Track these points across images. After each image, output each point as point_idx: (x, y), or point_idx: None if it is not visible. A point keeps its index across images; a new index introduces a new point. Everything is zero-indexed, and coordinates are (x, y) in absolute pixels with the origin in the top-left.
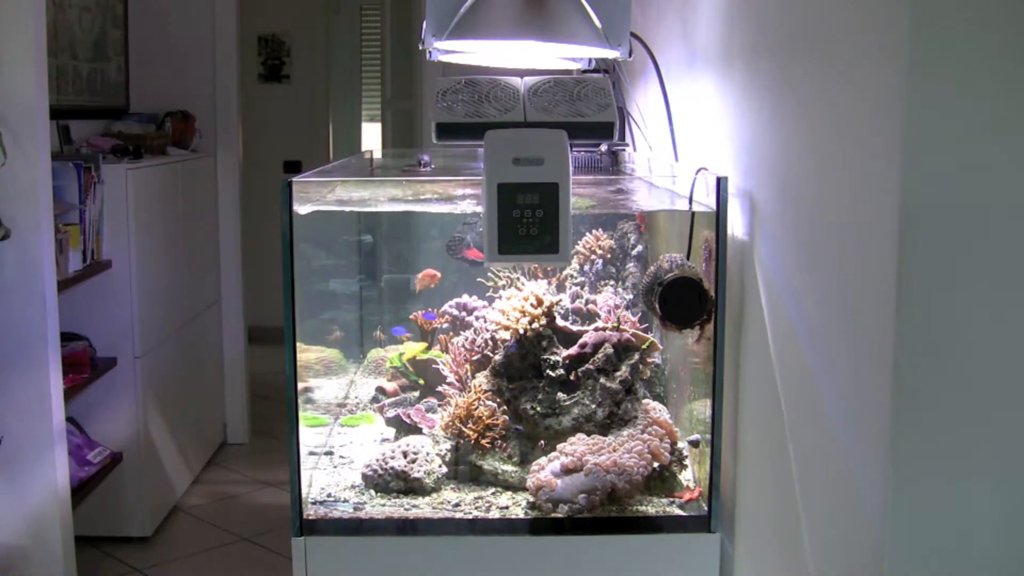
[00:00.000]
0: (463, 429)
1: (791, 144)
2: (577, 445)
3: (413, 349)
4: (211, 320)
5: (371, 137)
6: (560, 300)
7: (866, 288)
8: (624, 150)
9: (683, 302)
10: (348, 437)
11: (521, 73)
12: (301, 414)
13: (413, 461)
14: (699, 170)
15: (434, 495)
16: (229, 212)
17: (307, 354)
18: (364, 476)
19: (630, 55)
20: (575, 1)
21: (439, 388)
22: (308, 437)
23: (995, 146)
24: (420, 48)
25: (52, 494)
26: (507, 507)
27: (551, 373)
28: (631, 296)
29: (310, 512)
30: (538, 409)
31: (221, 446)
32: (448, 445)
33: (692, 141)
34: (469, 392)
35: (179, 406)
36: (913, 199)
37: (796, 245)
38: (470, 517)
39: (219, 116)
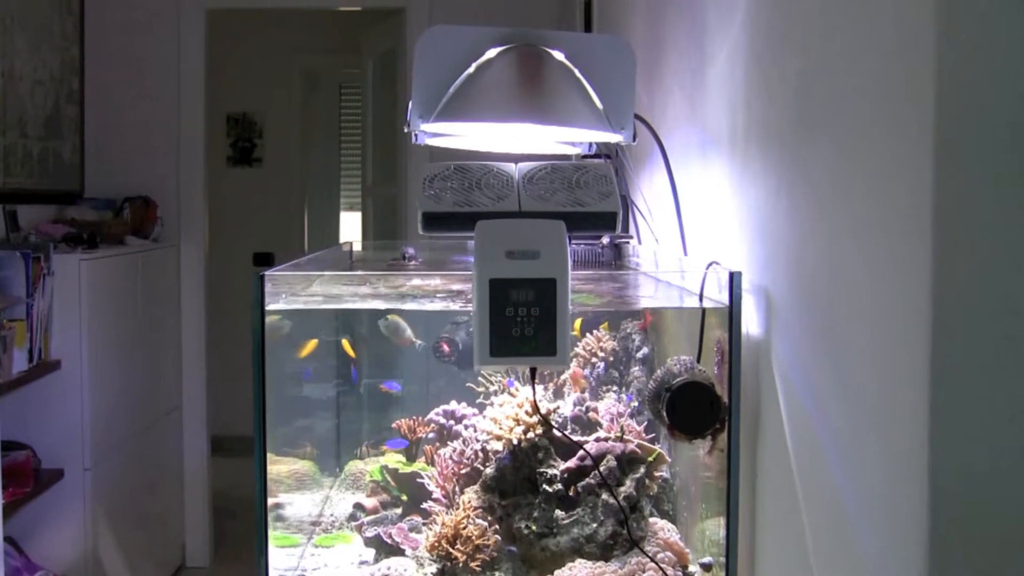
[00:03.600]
0: (451, 550)
1: (808, 234)
2: (577, 571)
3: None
4: (170, 428)
5: (351, 227)
6: (558, 407)
7: (898, 392)
8: (628, 243)
9: (693, 409)
10: (322, 559)
11: (515, 158)
12: (271, 533)
13: None
14: (710, 264)
15: None
16: (193, 308)
17: (278, 466)
18: None
19: (634, 139)
20: (575, 81)
21: (424, 504)
22: (278, 559)
23: None
24: (405, 130)
25: None
26: None
27: (548, 488)
28: (636, 403)
29: None
30: (534, 528)
31: (179, 569)
32: (434, 568)
33: (702, 232)
34: (457, 509)
35: (133, 524)
36: (946, 289)
37: (817, 345)
38: None
39: (183, 202)
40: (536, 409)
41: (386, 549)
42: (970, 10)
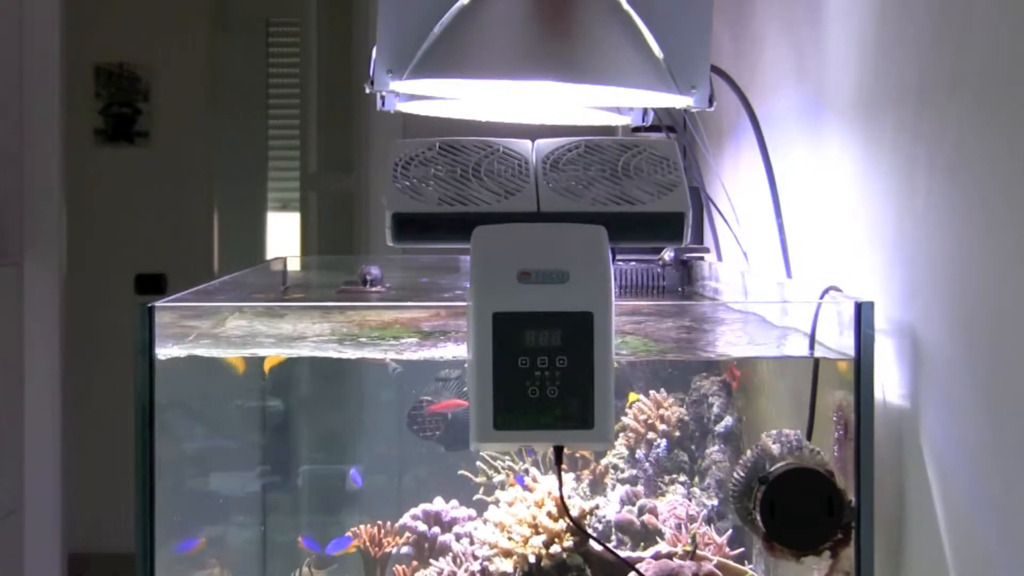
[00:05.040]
0: None
1: (980, 248)
2: None
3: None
4: (5, 540)
5: (283, 236)
6: (597, 507)
7: None
8: (702, 259)
9: (802, 510)
10: None
11: (531, 133)
12: None
13: None
14: (826, 291)
15: None
16: (43, 358)
17: None
18: None
19: (711, 104)
20: (621, 17)
21: None
22: None
23: None
24: (367, 91)
25: None
26: None
27: None
28: (715, 502)
29: None
30: None
31: None
32: None
33: (814, 244)
34: None
35: None
36: None
37: (992, 415)
38: None
39: (27, 199)
40: (565, 510)
41: None
42: None
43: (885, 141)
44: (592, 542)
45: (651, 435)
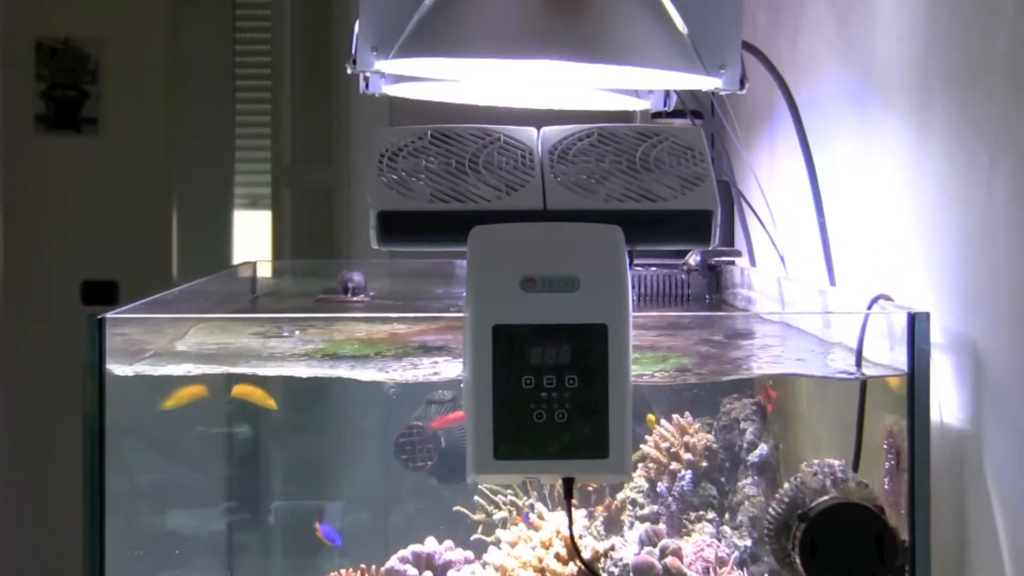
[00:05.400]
0: None
1: None
2: None
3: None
4: None
5: (253, 237)
6: (612, 547)
7: None
8: (733, 264)
9: (848, 551)
10: None
11: (537, 119)
12: None
13: None
14: (875, 300)
15: None
16: None
17: None
18: None
19: (742, 86)
20: None
21: None
22: None
23: None
24: (348, 72)
25: None
26: None
27: None
28: (748, 542)
29: None
30: None
31: None
32: None
33: (860, 246)
34: None
35: None
36: None
37: None
38: None
39: None
40: (576, 552)
41: None
42: None
43: (941, 130)
44: None
45: (674, 465)
